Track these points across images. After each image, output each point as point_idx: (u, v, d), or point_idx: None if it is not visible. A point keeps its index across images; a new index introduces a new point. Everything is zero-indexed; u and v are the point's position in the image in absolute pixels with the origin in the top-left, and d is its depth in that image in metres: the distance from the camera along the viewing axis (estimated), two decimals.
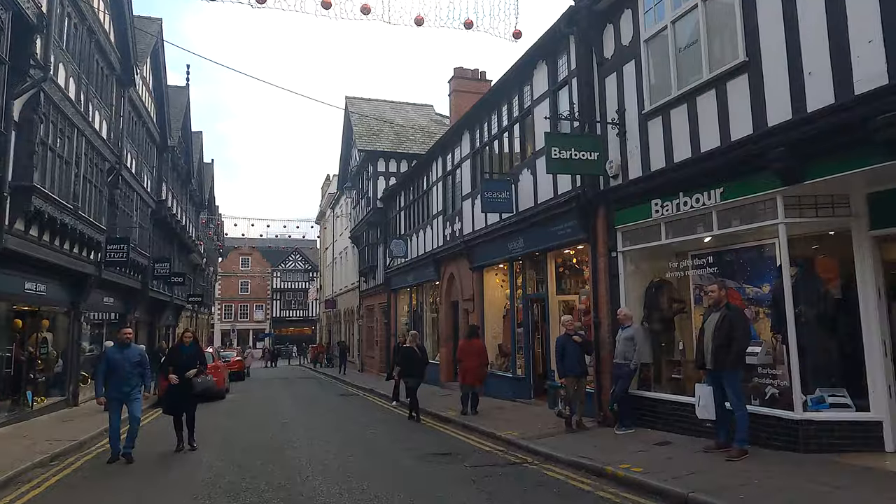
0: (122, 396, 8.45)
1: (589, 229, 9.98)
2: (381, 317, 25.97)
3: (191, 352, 9.37)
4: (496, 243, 13.75)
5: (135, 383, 8.53)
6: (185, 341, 9.47)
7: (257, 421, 12.40)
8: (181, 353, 9.34)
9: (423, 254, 19.06)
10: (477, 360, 12.59)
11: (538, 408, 11.95)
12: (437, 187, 18.09)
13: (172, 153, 23.98)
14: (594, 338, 9.81)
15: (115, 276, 17.67)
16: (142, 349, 9.27)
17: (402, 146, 25.55)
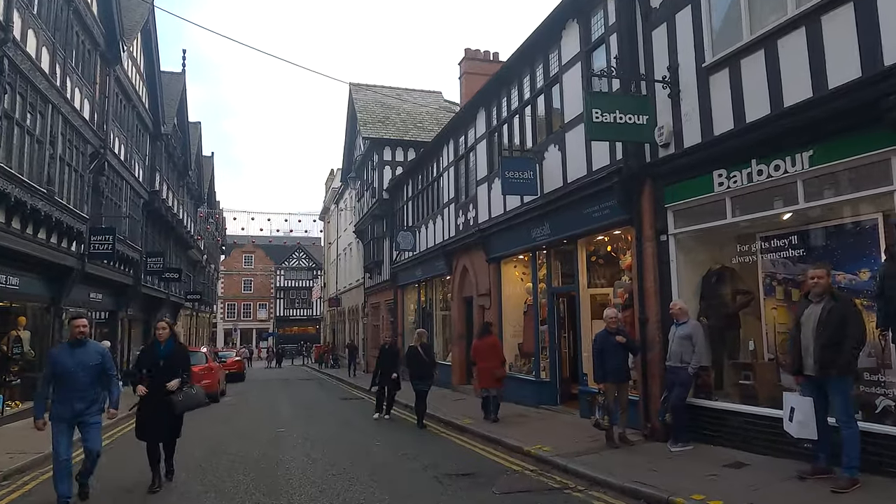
0: (71, 417, 5.79)
1: (632, 209, 8.55)
2: (387, 315, 24.60)
3: (169, 353, 6.69)
4: (516, 231, 12.34)
5: (92, 398, 5.89)
6: (160, 337, 6.74)
7: (250, 429, 11.04)
8: (154, 355, 6.70)
9: (433, 246, 17.67)
10: (495, 360, 11.25)
11: (567, 416, 10.55)
12: (448, 173, 16.69)
13: (167, 142, 22.67)
14: (639, 336, 8.38)
15: (102, 270, 16.37)
16: (104, 349, 6.31)
17: (409, 133, 24.18)
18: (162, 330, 6.83)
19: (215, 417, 13.08)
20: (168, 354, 6.71)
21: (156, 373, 6.56)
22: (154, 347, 6.85)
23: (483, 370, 11.32)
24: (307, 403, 15.69)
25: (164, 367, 6.59)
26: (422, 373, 11.47)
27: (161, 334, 6.79)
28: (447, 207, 16.69)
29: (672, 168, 7.89)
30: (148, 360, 6.79)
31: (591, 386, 10.06)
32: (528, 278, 13.24)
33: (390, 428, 11.05)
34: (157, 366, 6.61)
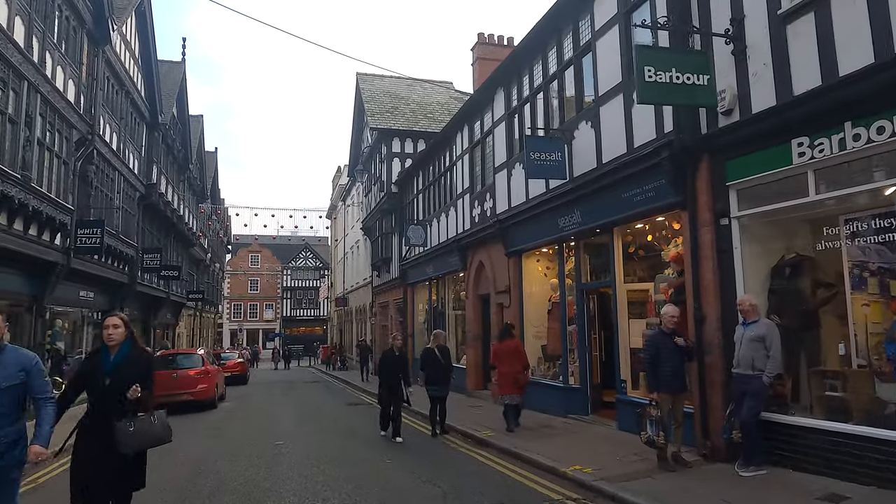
0: None
1: (685, 190, 7.33)
2: (396, 314, 23.44)
3: (120, 364, 4.30)
4: (540, 221, 11.12)
5: (13, 435, 3.86)
6: (109, 341, 4.32)
7: (244, 443, 9.87)
8: (96, 371, 4.31)
9: (446, 240, 16.48)
10: (517, 365, 10.11)
11: (601, 428, 9.32)
12: (463, 162, 15.49)
13: (165, 133, 21.59)
14: (694, 338, 7.15)
15: (92, 267, 15.30)
16: (31, 359, 4.03)
17: (418, 124, 23.01)
18: (113, 330, 4.32)
19: (208, 427, 11.95)
20: (117, 367, 4.25)
21: (99, 396, 4.24)
22: (97, 358, 4.39)
23: (504, 375, 10.18)
24: (311, 410, 14.54)
25: (112, 386, 4.18)
26: (438, 377, 10.33)
27: (112, 337, 4.30)
28: (461, 198, 15.50)
29: (736, 139, 6.65)
30: (87, 378, 4.37)
31: (630, 394, 8.86)
32: (553, 273, 12.04)
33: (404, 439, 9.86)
34: (100, 386, 4.22)
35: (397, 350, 10.55)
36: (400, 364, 10.24)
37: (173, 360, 15.26)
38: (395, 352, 10.47)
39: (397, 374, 10.00)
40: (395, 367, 10.16)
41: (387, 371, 10.23)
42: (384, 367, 10.34)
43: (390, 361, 10.29)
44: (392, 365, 10.22)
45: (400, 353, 10.53)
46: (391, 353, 10.48)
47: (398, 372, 10.04)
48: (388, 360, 10.33)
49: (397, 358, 10.35)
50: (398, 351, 10.55)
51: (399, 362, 10.27)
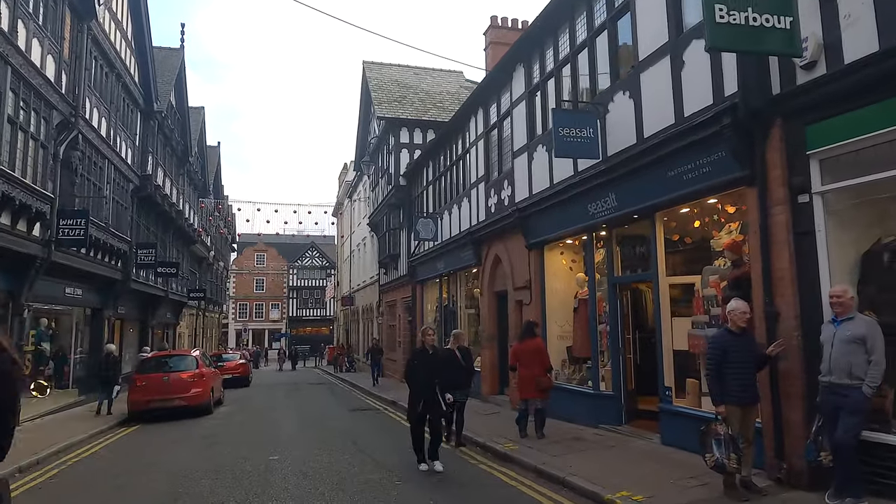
0: None
1: (752, 162, 6.14)
2: (404, 314, 22.32)
3: None
4: (566, 208, 9.95)
5: None
6: None
7: (235, 456, 8.75)
8: None
9: (458, 234, 15.33)
10: (539, 367, 9.04)
11: (641, 442, 8.13)
12: (477, 148, 14.34)
13: (161, 122, 20.55)
14: (764, 339, 5.96)
15: (79, 261, 14.27)
16: None
17: (428, 114, 21.88)
18: None
19: (199, 436, 10.86)
20: None
21: None
22: None
23: (524, 378, 9.13)
24: (313, 416, 13.41)
25: None
26: (458, 381, 9.20)
27: None
28: (475, 188, 14.34)
29: (820, 97, 5.46)
30: None
31: (677, 404, 7.68)
32: (580, 267, 10.88)
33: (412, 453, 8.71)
34: None
35: (430, 347, 8.05)
36: (437, 366, 7.93)
37: (165, 363, 14.18)
38: (429, 350, 8.00)
39: (434, 381, 7.70)
40: (432, 370, 7.76)
41: (421, 377, 7.70)
42: (416, 372, 7.79)
43: (425, 364, 7.80)
44: (427, 368, 7.74)
45: (435, 352, 8.15)
46: (423, 353, 8.00)
47: (435, 377, 7.75)
48: (422, 363, 7.83)
49: (432, 358, 7.94)
50: (432, 348, 8.07)
51: (435, 364, 7.92)
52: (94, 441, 10.73)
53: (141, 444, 10.44)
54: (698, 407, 7.43)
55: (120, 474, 7.79)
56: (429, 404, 7.58)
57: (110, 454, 9.50)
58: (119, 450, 9.87)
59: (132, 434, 11.63)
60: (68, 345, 16.24)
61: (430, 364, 7.84)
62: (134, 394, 13.22)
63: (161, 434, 11.36)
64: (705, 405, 7.32)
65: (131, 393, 13.31)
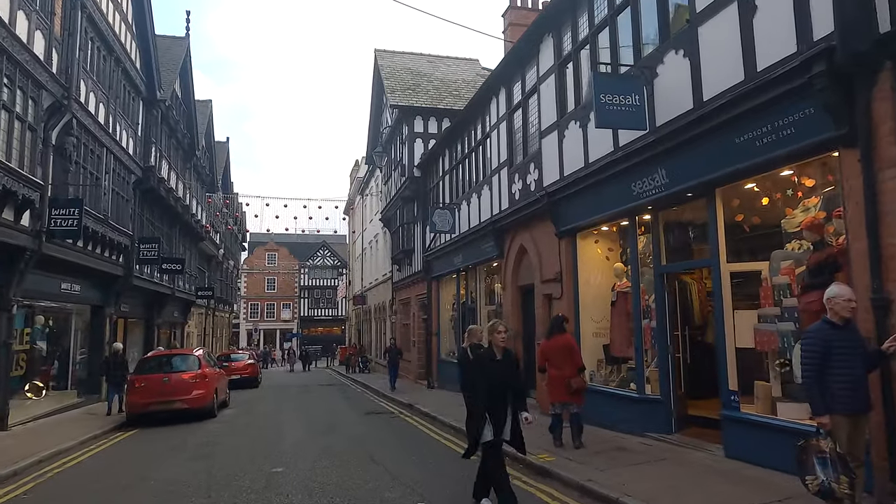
0: None
1: (851, 118, 5.05)
2: (418, 312, 21.30)
3: None
4: (604, 189, 8.89)
5: None
6: None
7: (234, 468, 7.76)
8: None
9: (478, 224, 14.28)
10: (569, 366, 7.99)
11: (700, 454, 7.03)
12: (499, 132, 13.28)
13: (166, 113, 19.68)
14: (874, 332, 4.87)
15: (75, 255, 13.39)
16: None
17: (443, 102, 20.84)
18: None
19: (198, 443, 9.90)
20: None
21: None
22: None
23: (555, 380, 8.09)
24: (323, 421, 12.41)
25: None
26: None
27: None
28: (497, 174, 13.29)
29: None
30: None
31: (745, 411, 6.59)
32: (617, 255, 9.82)
33: (435, 464, 7.70)
34: None
35: (500, 351, 5.64)
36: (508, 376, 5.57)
37: (166, 363, 13.26)
38: (497, 354, 5.62)
39: (506, 396, 5.52)
40: (502, 382, 5.49)
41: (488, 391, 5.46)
42: (479, 385, 5.50)
43: (490, 373, 5.50)
44: (496, 379, 5.49)
45: (505, 357, 5.66)
46: (486, 359, 5.65)
47: (507, 389, 5.52)
48: (487, 371, 5.52)
49: (501, 366, 5.57)
50: (501, 353, 5.64)
51: (506, 373, 5.56)
52: (84, 448, 9.82)
53: (134, 452, 9.50)
54: (772, 414, 6.35)
55: (101, 490, 6.83)
56: (501, 428, 5.46)
57: (97, 465, 8.56)
58: (108, 459, 8.94)
59: (127, 440, 10.70)
60: (67, 344, 15.42)
61: (497, 374, 5.47)
62: (132, 395, 12.32)
63: (157, 440, 10.42)
64: (781, 412, 6.25)
65: (129, 395, 12.42)
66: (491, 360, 5.62)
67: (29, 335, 13.71)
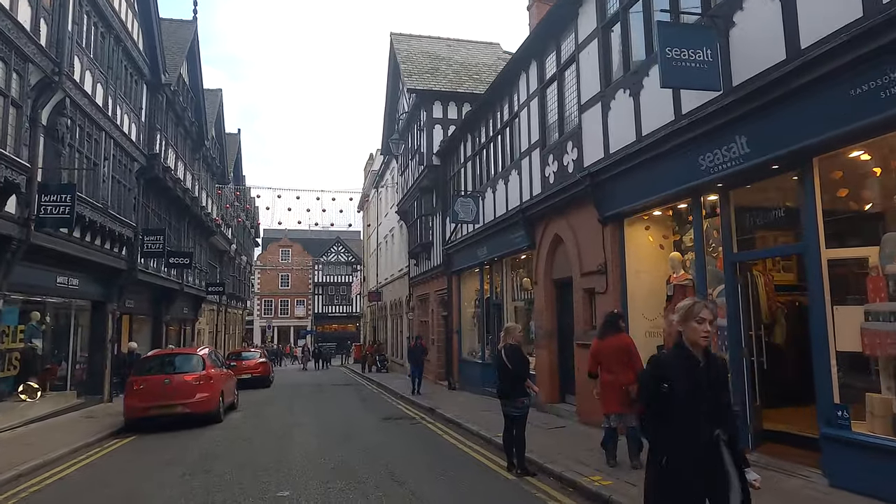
0: None
1: None
2: (438, 308, 20.17)
3: None
4: (661, 166, 7.66)
5: None
6: None
7: (233, 490, 6.65)
8: None
9: (506, 213, 13.09)
10: (627, 371, 6.86)
11: (794, 481, 5.80)
12: (529, 109, 12.07)
13: (171, 98, 18.71)
14: None
15: (69, 246, 12.44)
16: None
17: (463, 86, 19.64)
18: None
19: (199, 454, 8.83)
20: None
21: None
22: None
23: (609, 387, 6.94)
24: (338, 427, 11.31)
25: None
26: (510, 388, 7.13)
27: None
28: (527, 157, 12.08)
29: None
30: None
31: (858, 430, 5.35)
32: (670, 244, 8.61)
33: (468, 485, 6.55)
34: None
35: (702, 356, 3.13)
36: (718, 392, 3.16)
37: (167, 363, 12.23)
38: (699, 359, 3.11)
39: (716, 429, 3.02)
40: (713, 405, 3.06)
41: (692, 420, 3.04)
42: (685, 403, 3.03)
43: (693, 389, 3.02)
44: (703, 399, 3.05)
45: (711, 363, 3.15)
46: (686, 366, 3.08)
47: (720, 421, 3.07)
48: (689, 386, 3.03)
49: (707, 376, 3.10)
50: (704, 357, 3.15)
51: (716, 386, 3.14)
52: (73, 458, 8.81)
53: (125, 464, 8.46)
54: (893, 435, 5.10)
55: None
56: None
57: (81, 481, 7.52)
58: (95, 474, 7.90)
59: (122, 449, 9.67)
60: (66, 342, 14.50)
61: (705, 389, 3.07)
62: (130, 398, 11.32)
63: (154, 450, 9.38)
64: None
65: (127, 397, 11.42)
66: (695, 369, 3.09)
67: (23, 332, 12.79)
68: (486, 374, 15.07)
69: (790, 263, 8.43)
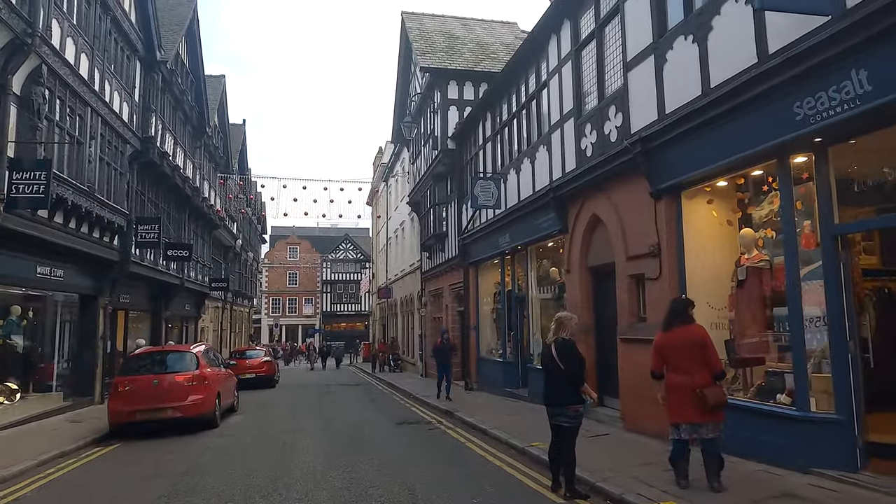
0: None
1: None
2: (452, 303, 18.89)
3: None
4: (738, 121, 6.33)
5: None
6: None
7: None
8: None
9: (532, 195, 11.78)
10: (703, 371, 5.51)
11: None
12: (560, 76, 10.73)
13: (169, 79, 17.51)
14: None
15: (54, 234, 11.31)
16: None
17: (480, 65, 18.35)
18: None
19: (185, 468, 7.57)
20: None
21: None
22: None
23: (678, 390, 5.55)
24: (348, 434, 10.02)
25: None
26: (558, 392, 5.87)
27: None
28: (558, 129, 10.75)
29: None
30: None
31: None
32: (741, 219, 7.27)
33: None
34: None
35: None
36: None
37: (157, 362, 10.99)
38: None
39: None
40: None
41: None
42: None
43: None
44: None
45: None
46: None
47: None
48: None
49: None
50: None
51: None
52: (38, 473, 7.57)
53: (96, 482, 7.20)
54: None
55: None
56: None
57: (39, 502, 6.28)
58: (60, 494, 6.67)
59: (100, 460, 8.44)
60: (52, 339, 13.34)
61: None
62: (115, 401, 10.10)
63: (136, 461, 8.14)
64: None
65: (112, 401, 10.20)
66: None
67: (2, 328, 11.65)
68: (508, 373, 13.78)
69: (871, 245, 7.11)
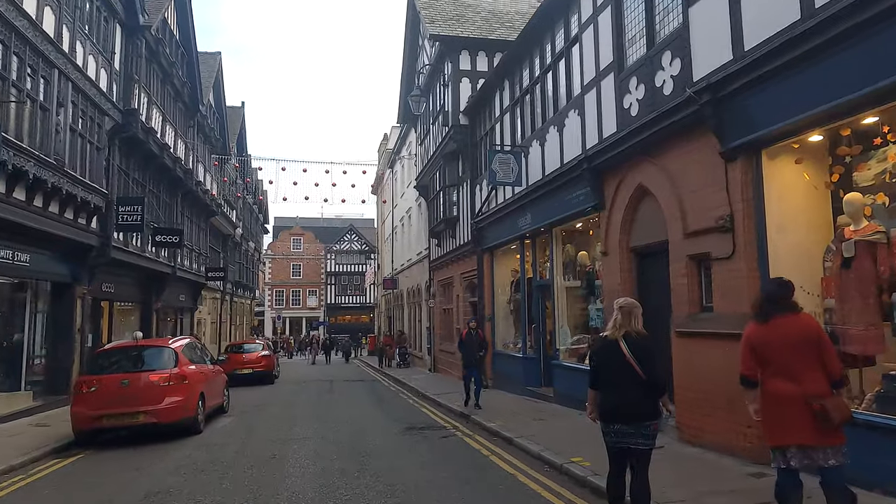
0: None
1: None
2: (464, 294, 17.45)
3: None
4: (847, 51, 4.82)
5: None
6: None
7: None
8: None
9: (560, 167, 10.29)
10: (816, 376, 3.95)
11: None
12: (596, 26, 9.18)
13: (155, 49, 16.05)
14: None
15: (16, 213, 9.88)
16: None
17: (494, 33, 16.81)
18: None
19: (148, 487, 6.15)
20: None
21: None
22: None
23: (779, 401, 4.00)
24: (350, 444, 8.58)
25: None
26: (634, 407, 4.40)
27: None
28: (593, 89, 9.23)
29: None
30: None
31: None
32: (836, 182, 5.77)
33: None
34: None
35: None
36: None
37: (129, 358, 9.55)
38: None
39: None
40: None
41: None
42: None
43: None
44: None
45: None
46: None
47: None
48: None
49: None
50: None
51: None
52: None
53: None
54: None
55: None
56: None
57: None
58: None
59: (49, 478, 7.04)
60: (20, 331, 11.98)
61: None
62: (79, 404, 8.71)
63: (90, 483, 6.72)
64: None
65: (75, 404, 8.80)
66: None
67: None
68: (528, 370, 12.34)
69: None
